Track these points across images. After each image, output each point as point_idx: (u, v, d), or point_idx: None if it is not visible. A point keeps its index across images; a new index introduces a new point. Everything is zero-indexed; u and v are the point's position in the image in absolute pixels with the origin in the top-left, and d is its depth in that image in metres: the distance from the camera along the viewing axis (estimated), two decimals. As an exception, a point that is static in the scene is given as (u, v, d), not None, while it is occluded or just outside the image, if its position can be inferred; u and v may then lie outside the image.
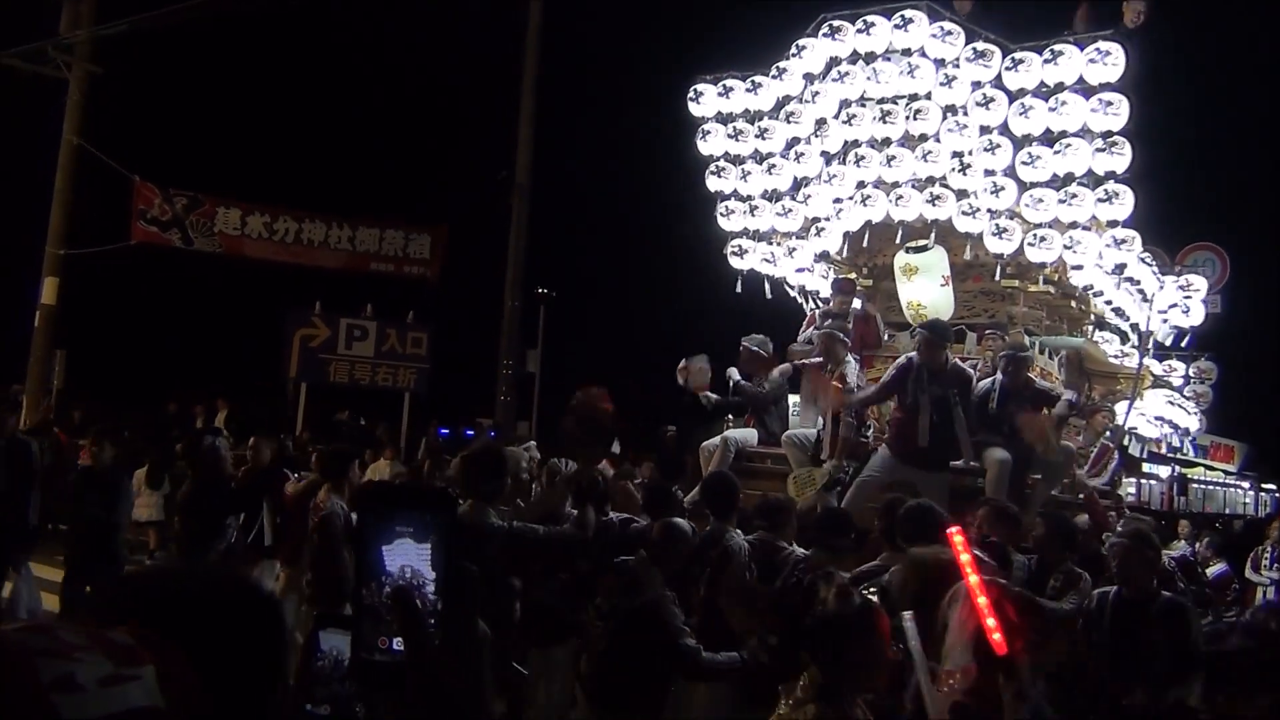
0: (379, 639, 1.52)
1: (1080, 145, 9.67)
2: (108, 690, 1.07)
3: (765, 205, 10.86)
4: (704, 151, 11.00)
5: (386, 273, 24.50)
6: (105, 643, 1.12)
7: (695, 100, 10.90)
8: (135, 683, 1.10)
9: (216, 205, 23.44)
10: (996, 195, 9.89)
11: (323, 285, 23.71)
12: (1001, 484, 8.90)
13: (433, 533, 1.53)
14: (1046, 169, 9.77)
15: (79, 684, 1.05)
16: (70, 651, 1.08)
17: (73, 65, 21.85)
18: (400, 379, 23.37)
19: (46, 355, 21.72)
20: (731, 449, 10.23)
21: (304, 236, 23.94)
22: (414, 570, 1.52)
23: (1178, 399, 12.81)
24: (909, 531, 6.13)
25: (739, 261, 11.21)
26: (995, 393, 9.28)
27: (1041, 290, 10.78)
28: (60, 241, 21.68)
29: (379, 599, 1.52)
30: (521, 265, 21.89)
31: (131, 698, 1.08)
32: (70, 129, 21.86)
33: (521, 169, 22.13)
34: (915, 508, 6.41)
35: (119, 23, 20.96)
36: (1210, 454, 26.39)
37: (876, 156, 10.16)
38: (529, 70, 22.09)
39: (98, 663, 1.08)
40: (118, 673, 1.09)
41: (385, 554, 1.52)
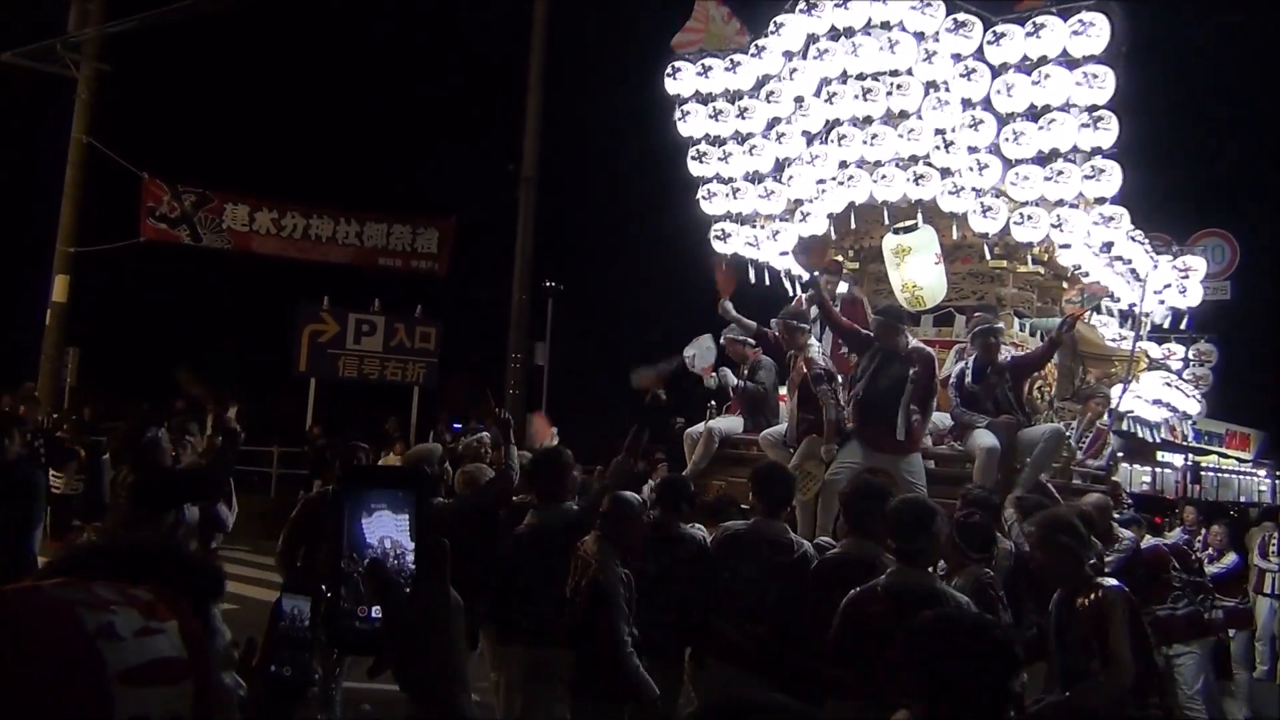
0: (358, 608, 1.55)
1: (1065, 120, 9.27)
2: (141, 640, 1.15)
3: (747, 188, 10.49)
4: (684, 134, 10.65)
5: (394, 267, 24.28)
6: (133, 599, 1.19)
7: (673, 76, 10.54)
8: (162, 635, 1.17)
9: (225, 201, 23.32)
10: (981, 173, 9.50)
11: (331, 280, 23.59)
12: (989, 471, 8.56)
13: (408, 507, 1.57)
14: (1031, 145, 9.37)
15: (119, 634, 1.13)
16: (107, 605, 1.15)
17: (81, 64, 21.82)
18: (409, 373, 23.23)
19: (58, 352, 21.68)
20: (716, 438, 9.91)
21: (312, 232, 23.77)
22: (394, 541, 1.56)
23: (1175, 381, 12.37)
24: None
25: (723, 246, 10.86)
26: (969, 369, 8.95)
27: (1031, 271, 10.38)
28: (71, 239, 21.71)
29: (358, 570, 1.55)
30: (529, 258, 21.66)
31: (161, 648, 1.16)
32: (79, 127, 21.84)
33: (529, 162, 21.94)
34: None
35: (126, 20, 20.87)
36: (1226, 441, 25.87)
37: (858, 135, 9.77)
38: (535, 63, 21.87)
39: (131, 616, 1.16)
40: (147, 625, 1.17)
41: (365, 527, 1.56)
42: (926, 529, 5.34)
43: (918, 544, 5.30)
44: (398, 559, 1.54)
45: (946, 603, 5.05)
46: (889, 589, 5.20)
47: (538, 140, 21.97)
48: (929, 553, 5.42)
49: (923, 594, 5.05)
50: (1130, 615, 5.29)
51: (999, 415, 8.89)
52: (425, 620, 1.51)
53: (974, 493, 7.51)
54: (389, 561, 1.54)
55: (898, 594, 5.14)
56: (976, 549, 6.34)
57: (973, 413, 8.99)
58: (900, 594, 5.09)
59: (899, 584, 5.18)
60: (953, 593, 5.35)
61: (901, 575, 5.22)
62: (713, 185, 10.64)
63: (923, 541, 5.32)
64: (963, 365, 9.15)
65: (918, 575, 5.25)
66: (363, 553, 1.55)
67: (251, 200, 23.59)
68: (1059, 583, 5.66)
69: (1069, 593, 5.50)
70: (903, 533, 5.37)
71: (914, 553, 5.30)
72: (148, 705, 1.13)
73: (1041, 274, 10.51)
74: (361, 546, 1.56)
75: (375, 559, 1.53)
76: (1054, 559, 5.54)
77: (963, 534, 6.32)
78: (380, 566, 1.52)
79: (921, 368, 8.65)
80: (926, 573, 5.37)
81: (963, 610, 4.90)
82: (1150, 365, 12.19)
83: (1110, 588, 5.35)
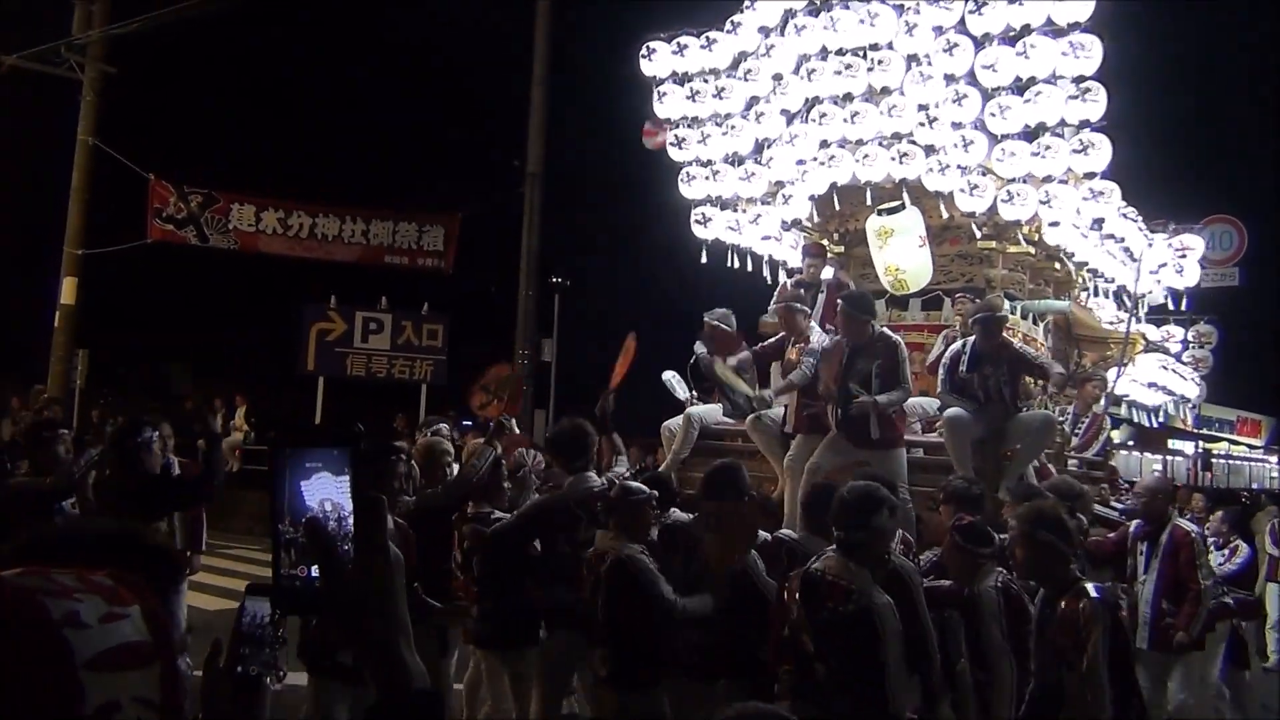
0: (298, 567, 1.55)
1: (1051, 93, 8.82)
2: (105, 626, 1.13)
3: (727, 170, 10.06)
4: (661, 115, 10.23)
5: (401, 265, 23.85)
6: (95, 584, 1.17)
7: (648, 58, 10.12)
8: (126, 620, 1.16)
9: (231, 202, 22.99)
10: (966, 150, 9.08)
11: (338, 279, 23.19)
12: (961, 447, 8.13)
13: (346, 467, 1.53)
14: (1017, 119, 8.94)
15: (84, 621, 1.11)
16: (70, 592, 1.14)
17: (86, 66, 21.58)
18: (417, 371, 22.91)
19: (68, 355, 21.49)
20: (696, 425, 9.49)
21: (318, 231, 23.38)
22: (334, 503, 1.53)
23: (1172, 364, 11.84)
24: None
25: (703, 231, 10.43)
26: (965, 354, 8.50)
27: (1021, 251, 9.92)
28: (78, 241, 21.51)
29: (299, 532, 1.54)
30: (535, 254, 21.46)
31: (126, 632, 1.14)
32: (85, 129, 21.65)
33: (534, 158, 21.74)
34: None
35: (130, 22, 20.66)
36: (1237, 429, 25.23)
37: (839, 113, 9.34)
38: (539, 60, 21.65)
39: (95, 602, 1.14)
40: (111, 610, 1.15)
41: (304, 489, 1.54)
42: (866, 522, 4.99)
43: (855, 536, 4.97)
44: (338, 521, 1.52)
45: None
46: (801, 576, 5.02)
47: (543, 136, 21.76)
48: (868, 546, 5.01)
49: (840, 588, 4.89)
50: (1113, 631, 4.82)
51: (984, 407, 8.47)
52: (365, 576, 1.47)
53: (954, 485, 7.13)
54: (329, 523, 1.52)
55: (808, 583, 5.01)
56: (985, 544, 5.97)
57: (957, 398, 8.55)
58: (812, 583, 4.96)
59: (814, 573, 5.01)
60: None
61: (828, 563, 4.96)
62: (692, 168, 10.21)
63: (861, 535, 4.97)
64: (958, 348, 8.69)
65: (840, 565, 4.93)
66: (300, 515, 1.53)
67: (258, 200, 23.27)
68: (1041, 582, 5.28)
69: (1052, 594, 5.08)
70: (841, 521, 5.06)
71: (851, 545, 4.97)
72: (116, 690, 1.11)
73: (1032, 254, 10.05)
74: (301, 509, 1.54)
75: (314, 518, 1.52)
76: (1036, 556, 5.12)
77: (965, 537, 5.92)
78: (319, 526, 1.50)
79: (884, 358, 8.22)
80: (858, 568, 4.95)
81: None
82: (1147, 347, 11.68)
83: (1093, 599, 4.85)
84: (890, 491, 5.36)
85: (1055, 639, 4.96)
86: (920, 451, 9.01)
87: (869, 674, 4.76)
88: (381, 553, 1.51)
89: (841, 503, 5.11)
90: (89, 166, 21.60)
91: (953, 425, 8.28)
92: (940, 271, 9.94)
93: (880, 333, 8.45)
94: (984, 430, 8.42)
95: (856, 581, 4.87)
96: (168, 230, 22.63)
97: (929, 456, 8.88)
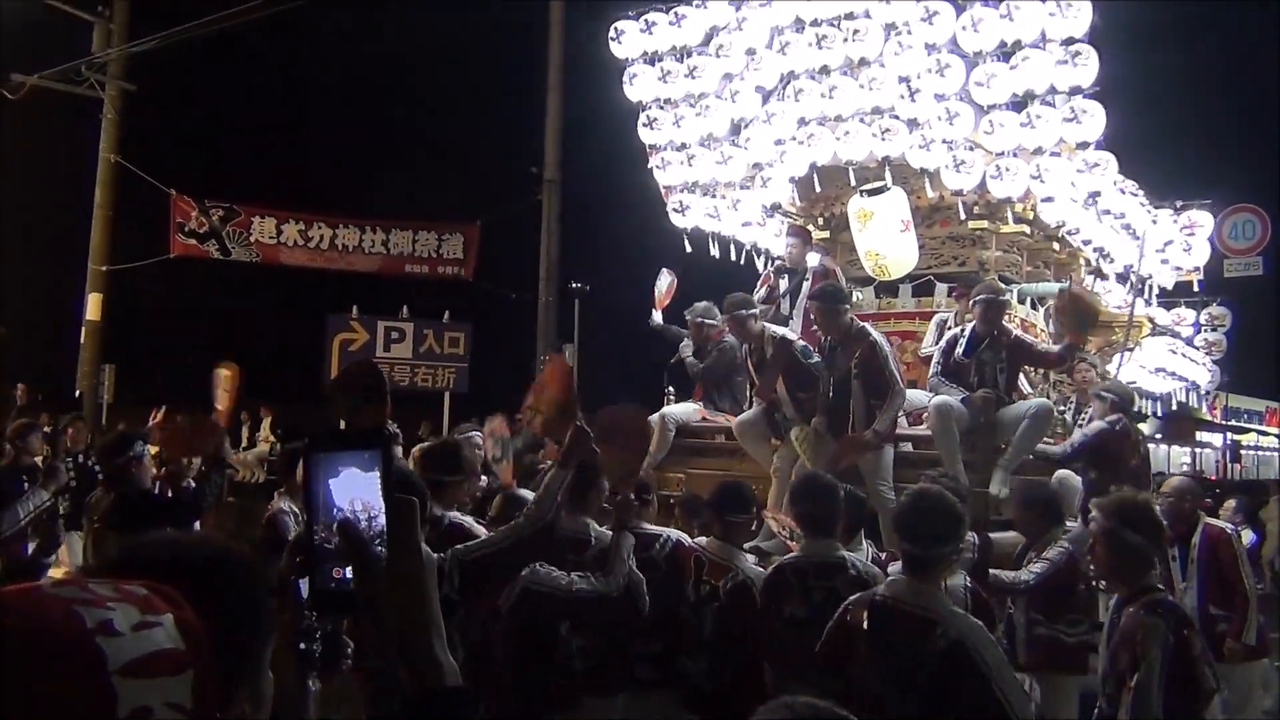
0: (333, 569, 1.51)
1: (1039, 57, 8.01)
2: (139, 634, 1.12)
3: (703, 153, 9.30)
4: (632, 98, 9.48)
5: (421, 274, 23.58)
6: (129, 594, 1.17)
7: (617, 40, 9.38)
8: (159, 628, 1.15)
9: (252, 215, 22.79)
10: (951, 123, 8.32)
11: (359, 289, 22.72)
12: (948, 435, 7.36)
13: (376, 465, 1.47)
14: (1004, 88, 8.15)
15: (117, 629, 1.11)
16: (104, 601, 1.14)
17: (106, 84, 21.45)
18: (440, 379, 22.33)
19: (95, 370, 21.28)
20: (671, 426, 8.77)
21: (338, 242, 23.17)
22: (364, 502, 1.48)
23: (1181, 348, 10.91)
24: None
25: (681, 219, 9.69)
26: (964, 339, 7.73)
27: (1015, 231, 9.11)
28: (102, 258, 21.43)
29: (331, 533, 1.49)
30: (554, 261, 21.05)
31: (158, 640, 1.14)
32: (107, 146, 21.55)
33: (550, 165, 21.44)
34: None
35: (148, 39, 20.33)
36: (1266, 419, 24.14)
37: (816, 88, 8.57)
38: (554, 67, 21.20)
39: (128, 611, 1.14)
40: (144, 619, 1.14)
41: (332, 488, 1.48)
42: (954, 535, 4.19)
43: (934, 552, 4.12)
44: (369, 520, 1.47)
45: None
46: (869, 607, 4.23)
47: (559, 142, 21.43)
48: (945, 565, 4.24)
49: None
50: (1178, 652, 4.03)
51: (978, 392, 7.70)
52: (398, 576, 1.45)
53: (933, 478, 6.36)
54: (359, 522, 1.46)
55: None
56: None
57: (950, 385, 7.77)
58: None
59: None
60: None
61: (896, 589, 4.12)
62: (666, 153, 9.47)
63: (945, 550, 4.15)
64: (957, 333, 7.91)
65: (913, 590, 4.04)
66: (331, 514, 1.48)
67: (278, 213, 23.03)
68: (1115, 586, 4.57)
69: (1125, 599, 4.32)
70: (917, 534, 4.16)
71: (928, 564, 4.11)
72: (149, 696, 1.11)
73: (1027, 234, 9.22)
74: (330, 508, 1.49)
75: (346, 520, 1.47)
76: (1118, 558, 4.31)
77: None
78: (351, 527, 1.46)
79: (861, 354, 7.48)
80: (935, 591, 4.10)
81: None
82: (1155, 331, 10.77)
83: (1159, 611, 4.11)
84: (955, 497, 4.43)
85: (1115, 652, 4.24)
86: (909, 446, 8.23)
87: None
88: (414, 553, 1.48)
89: (919, 512, 4.15)
90: (111, 183, 21.43)
91: (941, 414, 7.51)
92: (930, 255, 9.18)
93: (857, 326, 7.74)
94: (974, 419, 7.64)
95: (940, 608, 3.94)
96: (190, 244, 22.47)
97: (918, 451, 8.10)
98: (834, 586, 4.85)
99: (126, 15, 21.48)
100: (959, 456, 7.42)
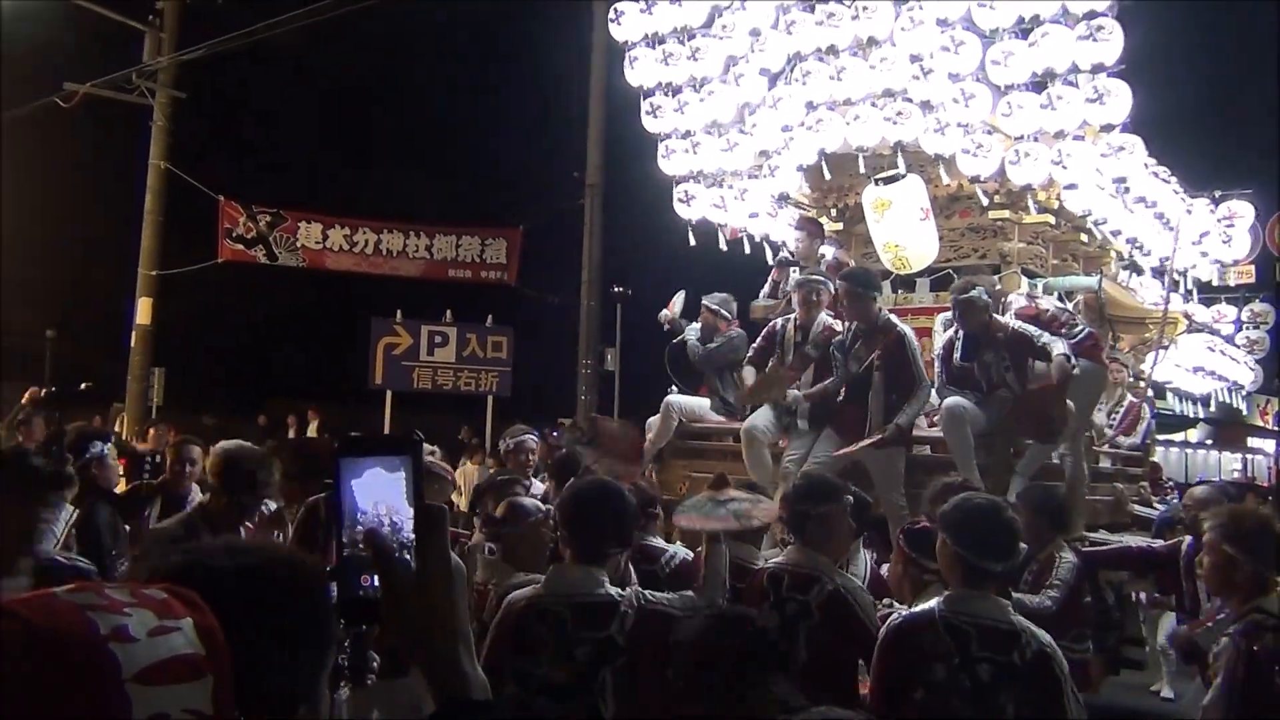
0: (361, 576, 1.43)
1: (1059, 33, 7.31)
2: (155, 640, 1.10)
3: (708, 140, 8.69)
4: (633, 83, 8.90)
5: (464, 279, 23.29)
6: (146, 598, 1.14)
7: (616, 22, 8.81)
8: (178, 633, 1.12)
9: (298, 220, 22.61)
10: (967, 105, 7.64)
11: (403, 293, 22.46)
12: (963, 442, 6.73)
13: (402, 469, 1.42)
14: (1022, 67, 7.46)
15: (132, 635, 1.09)
16: (119, 607, 1.11)
17: (156, 92, 21.28)
18: (483, 382, 22.06)
19: (144, 374, 21.16)
20: (675, 416, 8.22)
21: (383, 247, 22.92)
22: (389, 506, 1.42)
23: (1219, 345, 10.08)
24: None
25: (686, 210, 9.09)
26: (959, 343, 7.08)
27: (1039, 221, 8.39)
28: (152, 262, 21.21)
29: (358, 541, 1.43)
30: (597, 265, 20.58)
31: (176, 645, 1.11)
32: (157, 153, 21.36)
33: (593, 169, 20.88)
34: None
35: (197, 48, 20.20)
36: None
37: (824, 70, 7.93)
38: (596, 70, 20.69)
39: (144, 616, 1.11)
40: (161, 624, 1.12)
41: (356, 490, 1.42)
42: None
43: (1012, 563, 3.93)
44: (393, 525, 1.41)
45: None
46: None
47: (601, 147, 20.88)
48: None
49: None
50: (1246, 669, 3.72)
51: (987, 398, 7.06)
52: (426, 585, 1.39)
53: (944, 482, 5.78)
54: (383, 527, 1.41)
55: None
56: (934, 559, 4.60)
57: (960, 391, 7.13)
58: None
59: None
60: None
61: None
62: (671, 141, 8.87)
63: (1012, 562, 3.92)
64: (951, 337, 7.28)
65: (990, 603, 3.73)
66: (355, 519, 1.42)
67: (324, 218, 22.87)
68: (1226, 603, 4.19)
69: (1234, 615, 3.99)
70: (997, 545, 3.87)
71: (1007, 576, 4.01)
72: (165, 703, 1.08)
73: (1052, 224, 8.49)
74: (354, 509, 1.43)
75: (372, 529, 1.41)
76: (1228, 576, 4.01)
77: (912, 543, 4.66)
78: (376, 534, 1.41)
79: (884, 349, 6.89)
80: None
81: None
82: (1191, 328, 9.95)
83: (1241, 631, 3.80)
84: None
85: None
86: (927, 449, 7.58)
87: None
88: (443, 562, 1.40)
89: (1001, 522, 3.83)
90: (161, 189, 21.23)
91: (952, 416, 6.88)
92: (949, 247, 8.52)
93: (885, 318, 7.15)
94: (989, 423, 6.98)
95: (1016, 619, 3.68)
96: (238, 249, 22.34)
97: (935, 455, 7.44)
98: (807, 600, 4.30)
99: (176, 24, 21.33)
100: (974, 461, 6.79)
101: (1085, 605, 6.09)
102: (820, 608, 4.28)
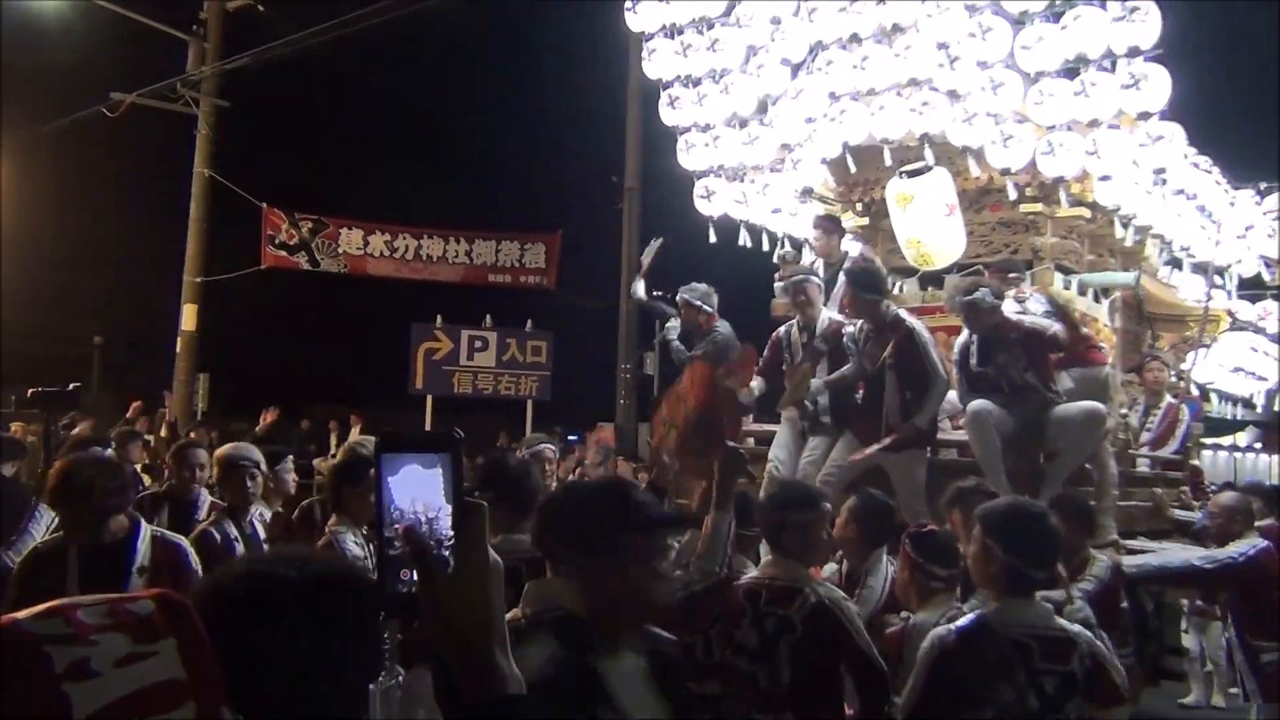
0: (400, 570, 1.42)
1: (1092, 15, 6.92)
2: (123, 670, 1.04)
3: (728, 134, 8.36)
4: (651, 76, 8.62)
5: (504, 283, 23.21)
6: (126, 618, 1.08)
7: (633, 10, 8.51)
8: (154, 658, 1.07)
9: (340, 227, 22.60)
10: (996, 94, 7.26)
11: (443, 298, 22.62)
12: (989, 447, 6.33)
13: (440, 464, 1.40)
14: (1054, 53, 7.07)
15: (93, 670, 1.03)
16: (87, 634, 1.05)
17: (200, 101, 21.35)
18: (522, 387, 21.95)
19: (189, 379, 21.22)
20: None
21: (423, 252, 22.82)
22: (425, 502, 1.40)
23: (1263, 344, 9.58)
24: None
25: (707, 206, 8.77)
26: (973, 346, 6.66)
27: (1072, 215, 7.94)
28: (197, 269, 21.25)
29: (393, 533, 1.41)
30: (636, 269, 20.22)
31: (148, 674, 1.05)
32: (201, 161, 21.40)
33: (631, 173, 20.74)
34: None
35: (240, 57, 20.26)
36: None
37: (846, 59, 7.57)
38: (634, 74, 20.46)
39: (114, 643, 1.05)
40: (134, 651, 1.06)
41: (392, 487, 1.40)
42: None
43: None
44: (429, 521, 1.40)
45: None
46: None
47: (639, 151, 20.68)
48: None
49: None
50: None
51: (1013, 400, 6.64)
52: (463, 581, 1.38)
53: (964, 487, 5.43)
54: (420, 522, 1.39)
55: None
56: (944, 563, 4.35)
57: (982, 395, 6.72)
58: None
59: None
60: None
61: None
62: (690, 135, 8.55)
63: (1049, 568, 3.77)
64: (965, 340, 6.85)
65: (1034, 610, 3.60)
66: (391, 514, 1.40)
67: (365, 225, 22.83)
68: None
69: None
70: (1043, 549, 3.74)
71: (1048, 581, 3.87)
72: None
73: (1087, 218, 8.04)
74: (389, 504, 1.41)
75: (409, 525, 1.40)
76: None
77: (919, 548, 4.38)
78: (413, 531, 1.39)
79: (895, 347, 6.52)
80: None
81: None
82: (1234, 326, 9.46)
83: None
84: None
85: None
86: (955, 453, 7.18)
87: None
88: (482, 557, 1.38)
89: (1049, 528, 3.70)
90: (205, 197, 21.28)
91: (977, 420, 6.49)
92: (980, 242, 8.14)
93: (894, 314, 6.80)
94: (1016, 425, 6.56)
95: (1067, 628, 3.59)
96: (281, 256, 22.34)
97: (963, 459, 7.02)
98: (788, 615, 3.95)
99: (219, 34, 21.40)
100: (1001, 466, 6.37)
101: (1122, 610, 5.77)
102: (804, 621, 3.96)
